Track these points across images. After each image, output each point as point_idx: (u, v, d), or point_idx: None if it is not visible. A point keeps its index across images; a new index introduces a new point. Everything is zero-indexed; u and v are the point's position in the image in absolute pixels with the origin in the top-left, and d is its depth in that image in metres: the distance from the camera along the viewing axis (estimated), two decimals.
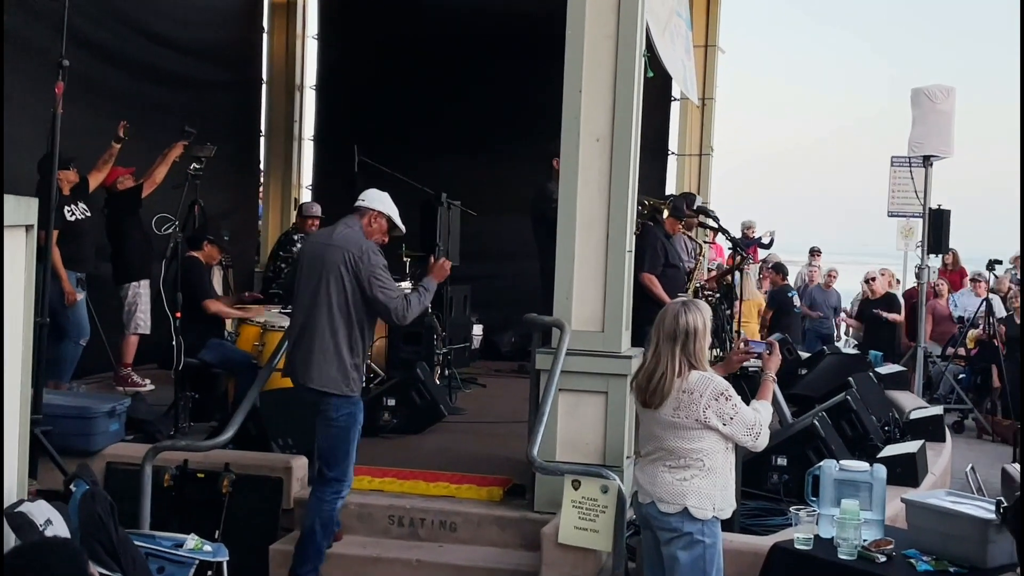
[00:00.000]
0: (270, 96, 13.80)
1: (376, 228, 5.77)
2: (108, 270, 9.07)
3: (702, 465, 4.32)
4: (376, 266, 5.54)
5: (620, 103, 6.02)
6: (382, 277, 5.54)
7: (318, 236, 6.04)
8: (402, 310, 5.56)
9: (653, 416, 4.41)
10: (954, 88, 11.72)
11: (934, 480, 6.91)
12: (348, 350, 5.52)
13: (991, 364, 12.66)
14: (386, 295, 5.53)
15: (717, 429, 4.33)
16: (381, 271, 5.55)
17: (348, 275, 5.53)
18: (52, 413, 6.24)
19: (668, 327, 4.44)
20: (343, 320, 5.52)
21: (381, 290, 5.52)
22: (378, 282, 5.52)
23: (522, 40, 12.08)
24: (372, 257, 5.55)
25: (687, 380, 4.35)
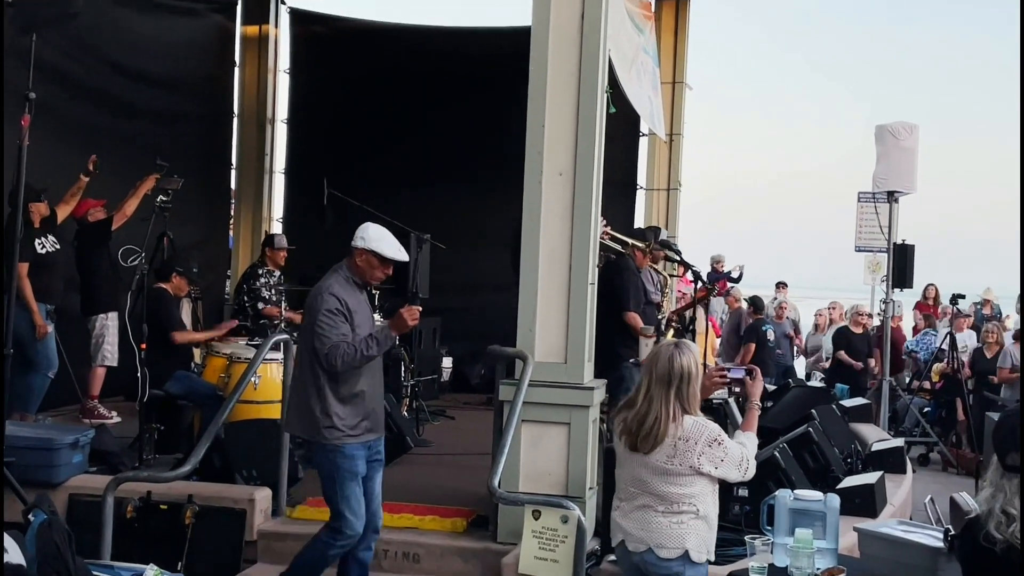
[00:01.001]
0: (241, 129, 13.83)
1: (365, 265, 5.42)
2: (75, 302, 9.07)
3: (695, 510, 4.28)
4: (319, 310, 5.25)
5: (582, 138, 6.11)
6: (322, 322, 5.22)
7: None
8: (332, 359, 5.19)
9: (642, 461, 4.31)
10: (917, 125, 11.91)
11: (893, 511, 6.98)
12: (317, 397, 5.28)
13: (956, 398, 12.79)
14: (319, 340, 5.21)
15: (709, 474, 4.28)
16: (325, 315, 5.23)
17: (308, 321, 5.37)
18: (15, 444, 6.24)
19: (661, 370, 4.33)
20: (309, 367, 5.33)
21: (317, 336, 5.22)
22: (317, 327, 5.23)
23: (490, 75, 12.25)
24: (318, 301, 5.29)
25: (682, 427, 4.26)
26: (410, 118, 13.11)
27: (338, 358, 5.16)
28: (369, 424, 5.41)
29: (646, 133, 13.06)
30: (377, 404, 5.53)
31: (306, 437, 5.48)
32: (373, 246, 5.39)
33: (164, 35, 12.09)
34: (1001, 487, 3.29)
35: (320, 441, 5.31)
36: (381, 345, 5.29)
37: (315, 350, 5.23)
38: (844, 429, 8.93)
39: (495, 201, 10.38)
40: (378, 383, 5.56)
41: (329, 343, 5.18)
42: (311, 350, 5.28)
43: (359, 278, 5.44)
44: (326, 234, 11.17)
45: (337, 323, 5.23)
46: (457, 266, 11.90)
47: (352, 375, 5.29)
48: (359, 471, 5.36)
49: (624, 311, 8.40)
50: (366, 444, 5.41)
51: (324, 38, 14.20)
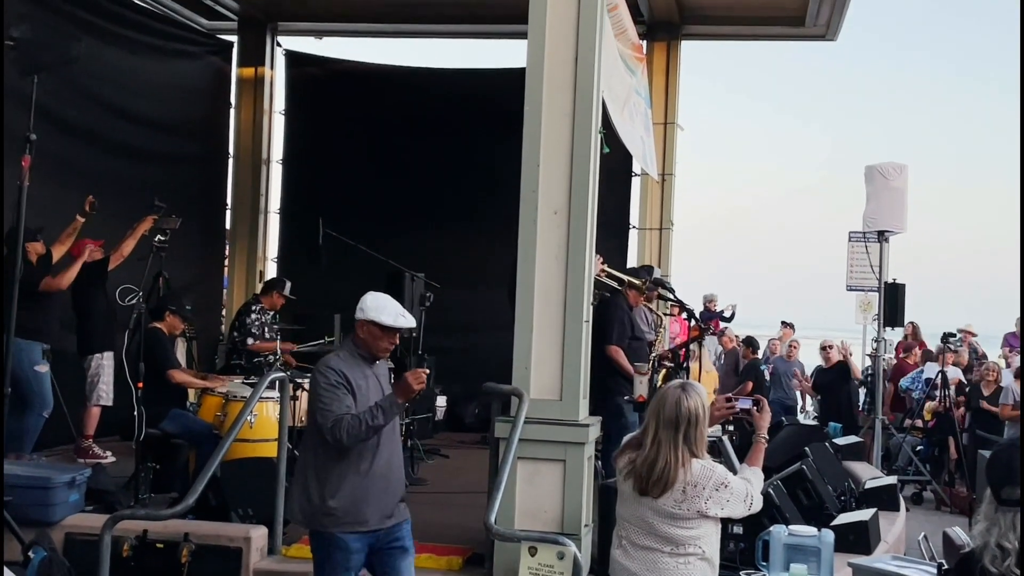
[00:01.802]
0: (237, 170, 13.94)
1: (368, 337, 5.05)
2: (71, 341, 9.10)
3: (701, 552, 4.26)
4: (318, 384, 4.91)
5: (577, 177, 6.19)
6: (323, 396, 4.87)
7: None
8: (337, 432, 4.78)
9: (649, 504, 4.25)
10: (906, 165, 12.02)
11: (887, 548, 7.00)
12: (315, 479, 4.91)
13: (948, 436, 12.83)
14: (321, 415, 4.85)
15: (715, 516, 4.26)
16: (325, 389, 4.88)
17: (310, 398, 5.03)
18: (11, 484, 6.24)
19: (669, 413, 4.26)
20: (311, 447, 5.00)
21: (319, 411, 4.87)
22: (319, 402, 4.88)
23: (484, 116, 12.37)
24: (317, 375, 4.95)
25: (690, 472, 4.20)
26: (404, 158, 13.23)
27: (343, 431, 4.77)
28: (379, 510, 4.96)
29: (639, 173, 13.16)
30: (394, 485, 5.08)
31: (304, 525, 5.10)
32: (372, 316, 5.04)
33: (161, 77, 12.23)
34: (996, 521, 3.30)
35: (316, 528, 4.96)
36: (387, 413, 4.85)
37: (319, 427, 4.87)
38: (837, 467, 8.98)
39: (489, 240, 10.48)
40: (396, 461, 5.14)
41: (332, 416, 4.81)
42: (314, 429, 4.94)
43: (366, 351, 5.07)
44: (321, 274, 11.27)
45: (339, 395, 4.86)
46: (451, 305, 11.94)
47: (357, 454, 4.90)
48: (352, 566, 4.93)
49: (606, 344, 8.43)
50: (373, 534, 4.95)
51: (319, 80, 14.34)
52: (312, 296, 11.99)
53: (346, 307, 11.12)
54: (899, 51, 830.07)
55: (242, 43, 13.98)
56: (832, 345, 14.19)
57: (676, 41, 13.56)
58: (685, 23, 13.48)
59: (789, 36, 14.04)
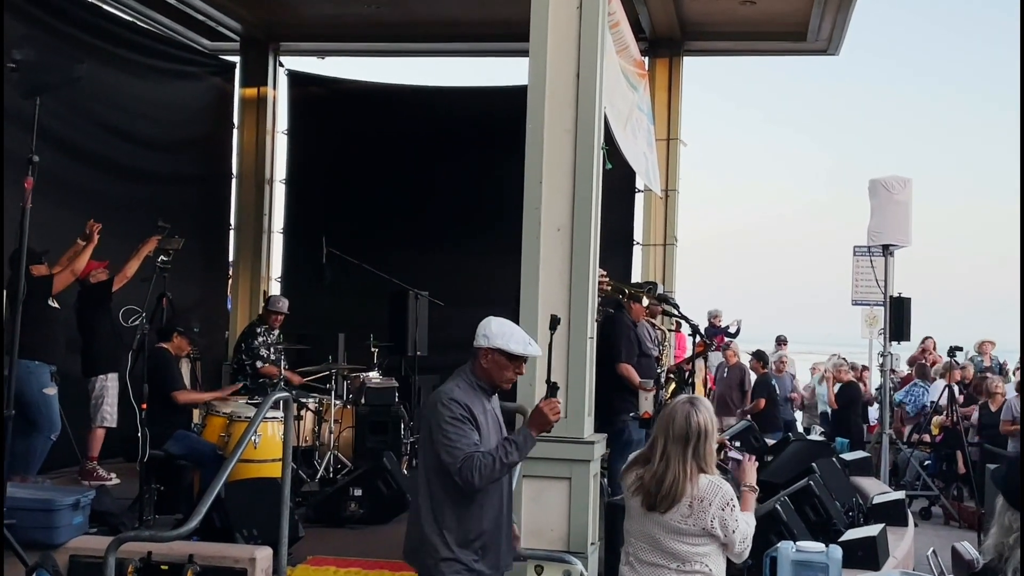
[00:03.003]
0: (240, 190, 13.95)
1: (492, 366, 4.62)
2: (75, 363, 9.08)
3: (708, 570, 4.25)
4: (442, 418, 4.44)
5: (579, 194, 6.19)
6: (448, 432, 4.41)
7: None
8: (467, 472, 4.33)
9: (656, 519, 4.24)
10: (910, 179, 12.02)
11: (895, 563, 6.96)
12: (434, 525, 4.47)
13: (956, 450, 12.78)
14: (448, 453, 4.39)
15: (719, 538, 4.23)
16: (449, 424, 4.42)
17: (427, 435, 4.55)
18: (16, 506, 6.20)
19: (679, 428, 4.24)
20: (426, 487, 4.53)
21: (444, 448, 4.40)
22: (443, 438, 4.41)
23: (487, 133, 12.40)
24: (439, 409, 4.47)
25: (697, 487, 4.19)
26: (407, 177, 13.25)
27: (474, 471, 4.34)
28: (498, 559, 4.59)
29: (642, 189, 13.16)
30: (508, 531, 4.70)
31: (419, 572, 4.61)
32: (499, 343, 4.61)
33: (164, 98, 12.26)
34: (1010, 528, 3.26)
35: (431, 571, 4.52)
36: (522, 449, 4.46)
37: (440, 467, 4.43)
38: (845, 482, 8.94)
39: (493, 258, 10.46)
40: (507, 512, 4.70)
41: (461, 455, 4.37)
42: (434, 468, 4.48)
43: (486, 382, 4.65)
44: (325, 293, 11.27)
45: (466, 431, 4.44)
46: (455, 323, 11.90)
47: (484, 497, 4.51)
48: None
49: (616, 362, 8.42)
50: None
51: (322, 99, 14.37)
52: (316, 316, 12.00)
53: (350, 326, 11.25)
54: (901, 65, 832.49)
55: (244, 63, 14.01)
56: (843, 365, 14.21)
57: (678, 57, 13.58)
58: (687, 39, 13.50)
59: (791, 51, 14.05)
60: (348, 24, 13.58)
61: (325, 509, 8.03)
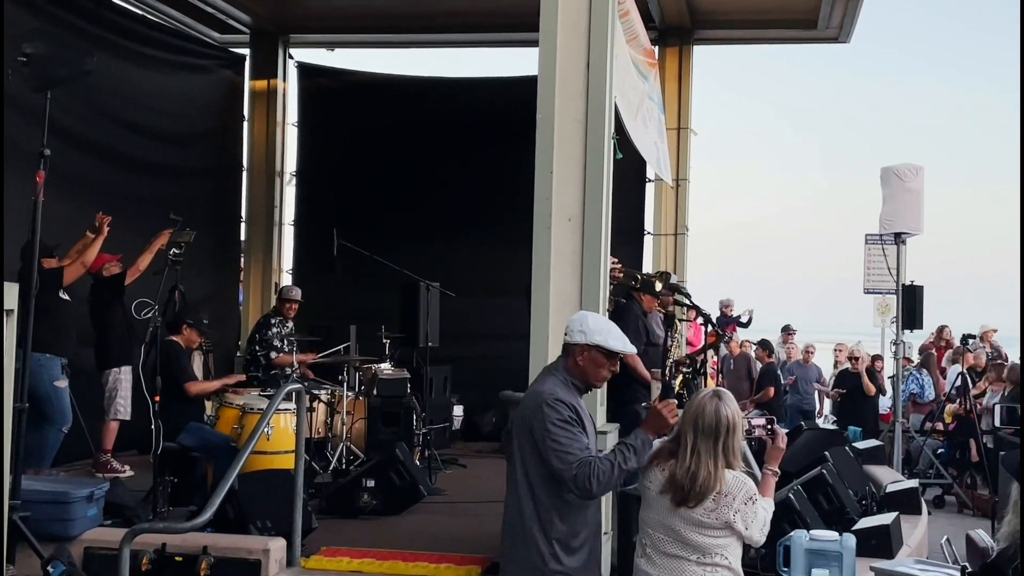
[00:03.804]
0: (251, 182, 13.97)
1: (588, 364, 4.44)
2: (88, 356, 9.11)
3: (728, 563, 4.24)
4: (549, 421, 4.22)
5: (590, 184, 6.18)
6: (558, 436, 4.20)
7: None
8: (584, 480, 4.13)
9: (680, 513, 4.19)
10: (922, 167, 11.96)
11: (909, 552, 6.94)
12: (543, 535, 4.27)
13: (969, 438, 12.74)
14: (560, 459, 4.18)
15: (740, 531, 4.22)
16: (559, 427, 4.22)
17: (528, 438, 4.31)
18: (30, 499, 6.24)
19: (708, 423, 4.19)
20: (528, 494, 4.32)
21: (555, 454, 4.19)
22: (552, 443, 4.19)
23: (497, 123, 12.37)
24: (546, 411, 4.24)
25: (724, 482, 4.16)
26: (418, 168, 13.25)
27: (592, 477, 4.14)
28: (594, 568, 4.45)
29: (652, 179, 13.14)
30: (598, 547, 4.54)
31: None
32: (598, 339, 4.42)
33: (174, 91, 12.28)
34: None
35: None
36: (640, 454, 4.27)
37: (546, 472, 4.24)
38: (858, 471, 8.92)
39: (504, 249, 10.46)
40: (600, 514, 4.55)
41: (575, 460, 4.16)
42: (538, 473, 4.27)
43: (580, 380, 4.46)
44: (336, 284, 11.28)
45: (575, 434, 4.24)
46: (466, 315, 11.96)
47: (594, 505, 4.39)
48: None
49: None
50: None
51: (332, 91, 14.37)
52: (328, 307, 12.01)
53: (361, 318, 11.26)
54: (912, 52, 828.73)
55: (254, 56, 14.02)
56: (860, 356, 14.17)
57: (688, 46, 13.55)
58: (697, 27, 13.47)
59: (801, 39, 14.01)
60: (357, 16, 13.58)
61: (338, 500, 8.04)
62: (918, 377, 14.56)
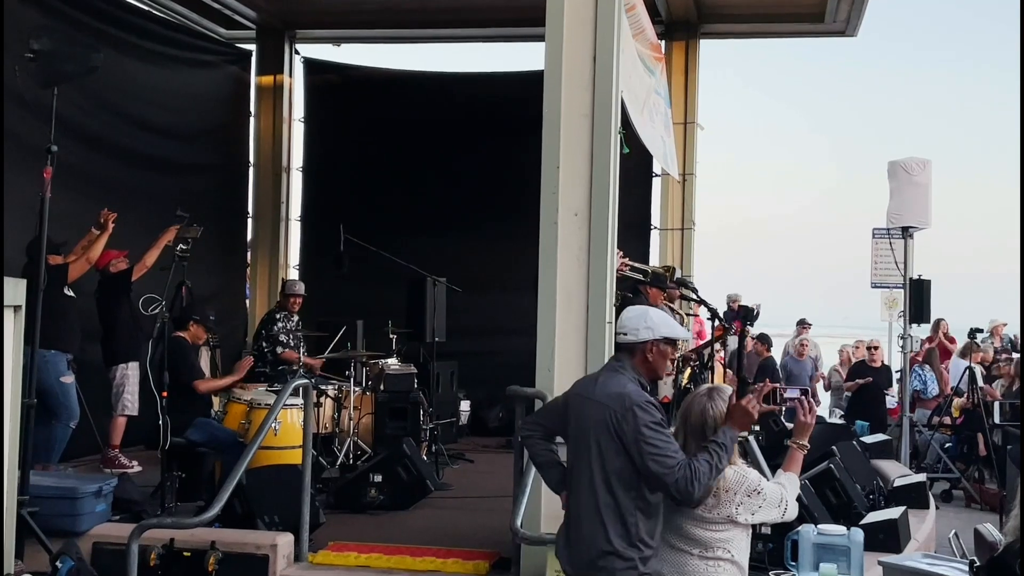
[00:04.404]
0: (257, 178, 13.99)
1: (658, 358, 4.33)
2: (94, 352, 9.13)
3: (730, 555, 4.22)
4: (644, 423, 4.07)
5: (597, 179, 6.17)
6: (655, 439, 4.06)
7: (581, 387, 4.41)
8: (685, 483, 3.99)
9: (680, 508, 4.17)
10: (930, 160, 11.92)
11: (917, 546, 6.94)
12: (627, 542, 4.13)
13: (977, 432, 12.71)
14: (660, 464, 4.03)
15: (746, 523, 4.20)
16: (653, 430, 4.07)
17: (612, 441, 4.13)
18: (38, 494, 6.26)
19: (695, 422, 4.20)
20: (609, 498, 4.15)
21: (652, 457, 4.04)
22: (649, 447, 4.05)
23: (503, 119, 12.38)
24: (639, 414, 4.09)
25: (723, 478, 4.13)
26: (424, 163, 13.25)
27: (694, 480, 4.00)
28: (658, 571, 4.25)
29: (659, 174, 13.14)
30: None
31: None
32: (665, 332, 4.32)
33: (180, 87, 12.28)
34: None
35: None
36: (729, 452, 4.14)
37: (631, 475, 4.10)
38: (865, 465, 8.91)
39: (510, 244, 10.47)
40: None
41: (674, 463, 4.03)
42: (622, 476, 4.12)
43: (648, 377, 4.33)
44: (343, 280, 11.29)
45: (668, 436, 4.13)
46: (473, 310, 11.97)
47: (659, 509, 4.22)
48: None
49: None
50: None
51: (338, 87, 14.38)
52: (334, 303, 12.02)
53: (368, 313, 11.26)
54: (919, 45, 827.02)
55: (261, 52, 14.03)
56: (879, 347, 14.13)
57: (695, 40, 13.54)
58: (703, 22, 13.46)
59: (808, 33, 13.99)
60: (363, 11, 13.58)
61: (345, 495, 8.06)
62: (920, 373, 14.51)
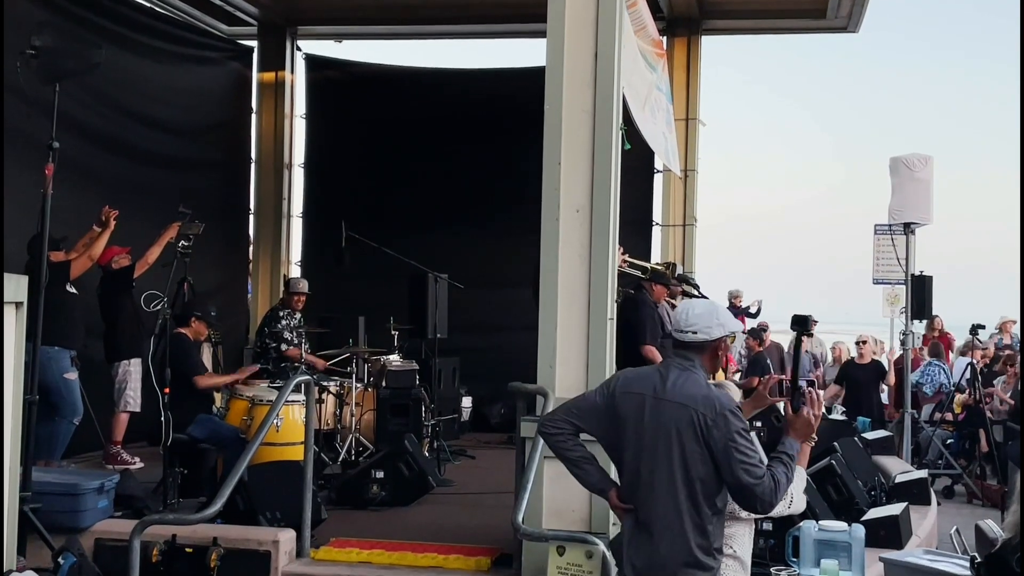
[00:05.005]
0: (259, 175, 13.97)
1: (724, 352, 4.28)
2: (98, 348, 9.14)
3: (732, 552, 4.23)
4: (736, 431, 3.88)
5: (598, 175, 6.17)
6: (745, 447, 3.88)
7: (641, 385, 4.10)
8: (770, 495, 3.85)
9: None
10: (931, 157, 11.91)
11: (918, 542, 6.95)
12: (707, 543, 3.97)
13: (979, 429, 12.72)
14: (750, 474, 3.85)
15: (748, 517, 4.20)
16: (744, 437, 3.89)
17: (699, 445, 3.92)
18: (41, 490, 6.27)
19: None
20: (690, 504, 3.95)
21: (743, 466, 3.85)
22: (740, 456, 3.86)
23: (505, 115, 12.37)
24: (732, 420, 3.89)
25: None
26: (426, 159, 13.25)
27: (777, 492, 3.89)
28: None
29: (661, 170, 13.13)
30: None
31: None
32: (733, 326, 4.21)
33: (182, 84, 12.29)
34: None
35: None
36: (795, 463, 4.04)
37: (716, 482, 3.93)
38: (867, 462, 8.92)
39: (512, 240, 10.47)
40: None
41: (762, 473, 3.87)
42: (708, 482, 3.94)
43: (711, 374, 4.17)
44: (344, 276, 11.30)
45: (758, 445, 4.00)
46: (475, 306, 11.97)
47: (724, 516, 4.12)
48: None
49: (642, 344, 8.42)
50: None
51: (339, 83, 14.37)
52: (336, 299, 12.03)
53: (370, 309, 11.27)
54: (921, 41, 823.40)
55: (262, 48, 14.02)
56: (867, 340, 14.09)
57: (696, 36, 13.52)
58: (705, 18, 13.44)
59: (810, 29, 13.97)
60: (365, 7, 13.57)
61: (347, 491, 8.07)
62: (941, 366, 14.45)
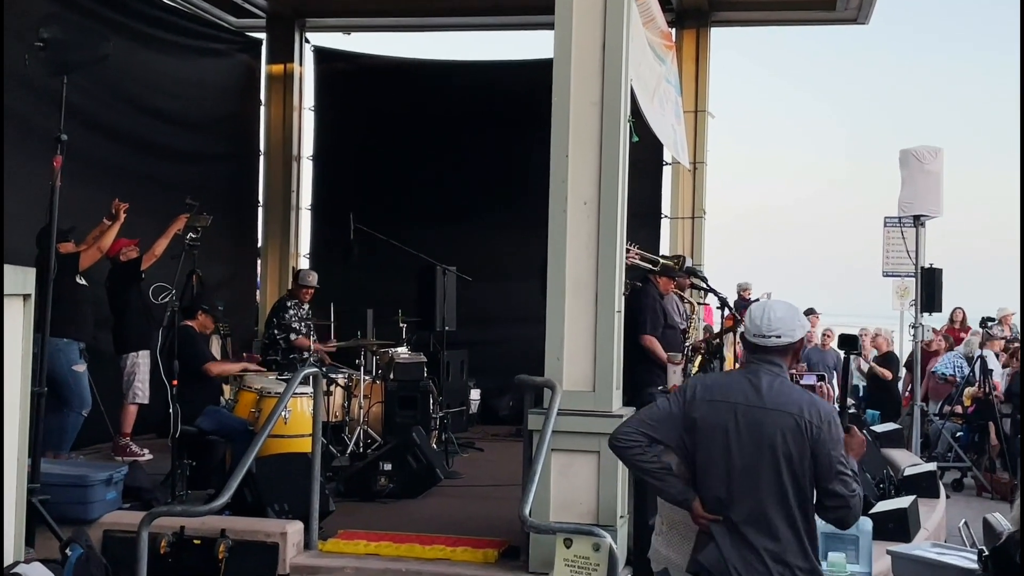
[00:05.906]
0: (268, 167, 13.99)
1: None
2: (106, 340, 9.16)
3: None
4: (838, 441, 3.83)
5: (606, 167, 6.15)
6: (844, 459, 3.82)
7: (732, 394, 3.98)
8: (858, 510, 3.85)
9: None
10: (941, 149, 11.90)
11: (927, 535, 6.93)
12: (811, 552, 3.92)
13: (988, 421, 12.67)
14: (847, 486, 3.80)
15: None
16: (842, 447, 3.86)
17: (806, 452, 3.82)
18: (49, 482, 6.28)
19: None
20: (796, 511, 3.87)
21: (842, 478, 3.79)
22: (840, 467, 3.80)
23: (513, 107, 12.37)
24: (836, 430, 3.83)
25: None
26: (434, 152, 13.25)
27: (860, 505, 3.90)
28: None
29: (669, 162, 13.11)
30: None
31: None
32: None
33: (190, 76, 12.30)
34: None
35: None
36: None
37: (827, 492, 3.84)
38: (876, 454, 8.90)
39: (520, 233, 10.45)
40: None
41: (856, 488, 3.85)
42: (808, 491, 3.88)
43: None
44: (353, 269, 11.30)
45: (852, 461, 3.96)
46: (483, 298, 11.97)
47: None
48: None
49: (641, 334, 8.40)
50: None
51: (348, 75, 14.36)
52: (344, 292, 12.03)
53: (378, 302, 11.29)
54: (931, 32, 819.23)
55: (271, 40, 14.02)
56: (880, 334, 14.07)
57: (705, 28, 13.48)
58: (714, 9, 13.40)
59: (820, 20, 13.92)
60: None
61: (355, 484, 8.08)
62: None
